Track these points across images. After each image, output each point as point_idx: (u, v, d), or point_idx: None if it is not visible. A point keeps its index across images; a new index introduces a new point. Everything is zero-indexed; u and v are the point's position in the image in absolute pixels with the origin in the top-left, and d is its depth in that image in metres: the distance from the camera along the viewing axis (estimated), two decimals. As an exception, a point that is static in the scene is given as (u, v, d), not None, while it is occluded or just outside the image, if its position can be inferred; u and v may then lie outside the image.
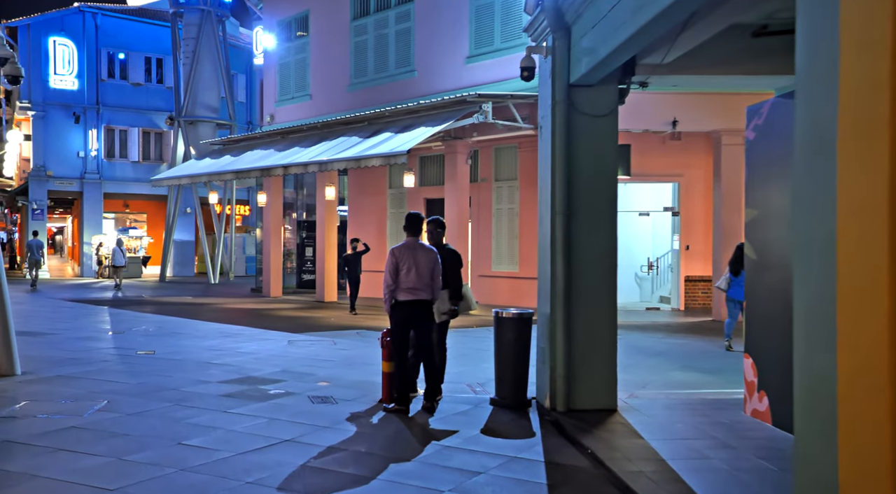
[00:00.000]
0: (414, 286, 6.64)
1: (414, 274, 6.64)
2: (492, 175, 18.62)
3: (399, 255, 6.67)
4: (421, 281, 6.68)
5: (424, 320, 6.75)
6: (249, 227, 34.32)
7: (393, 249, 6.75)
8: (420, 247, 6.79)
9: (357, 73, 19.54)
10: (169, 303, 18.40)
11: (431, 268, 6.76)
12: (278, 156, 17.60)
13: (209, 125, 27.86)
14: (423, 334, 6.75)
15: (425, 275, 6.70)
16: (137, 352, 9.52)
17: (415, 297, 6.65)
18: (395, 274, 6.64)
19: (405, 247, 6.75)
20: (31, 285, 24.44)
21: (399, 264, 6.64)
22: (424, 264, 6.71)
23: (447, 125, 14.34)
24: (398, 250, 6.72)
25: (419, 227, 6.89)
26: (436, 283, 6.82)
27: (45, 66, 30.37)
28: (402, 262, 6.64)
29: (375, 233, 21.05)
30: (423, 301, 6.69)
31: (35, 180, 30.29)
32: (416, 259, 6.68)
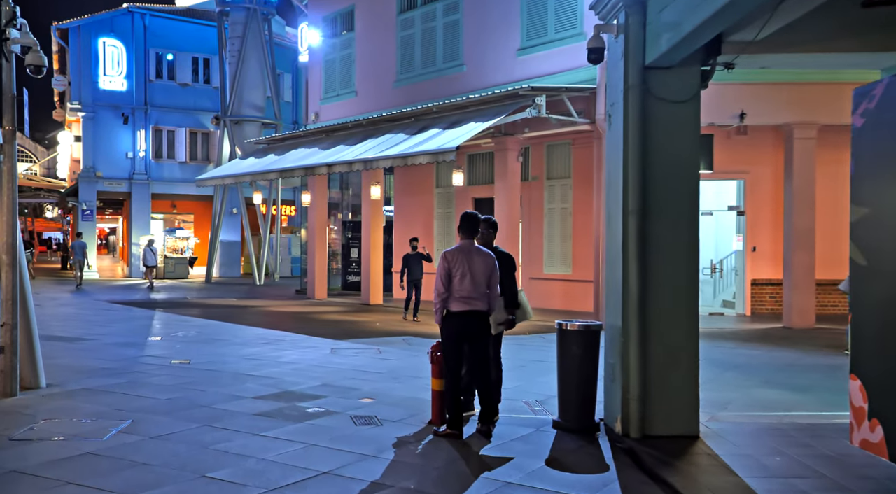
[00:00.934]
0: (469, 295, 5.91)
1: (469, 281, 5.91)
2: (543, 173, 17.80)
3: (452, 260, 5.95)
4: (477, 289, 5.95)
5: (480, 334, 6.02)
6: (295, 228, 34.05)
7: (445, 253, 6.03)
8: (476, 250, 6.06)
9: (403, 69, 18.90)
10: (212, 306, 18.03)
11: (489, 275, 6.03)
12: (323, 155, 17.06)
13: (255, 124, 27.60)
14: (478, 349, 6.02)
15: (481, 283, 5.97)
16: (172, 362, 9.00)
17: (470, 307, 5.92)
18: (447, 280, 5.92)
19: (459, 250, 6.02)
20: (76, 285, 24.77)
21: (452, 270, 5.92)
22: (481, 270, 5.97)
23: (498, 120, 13.58)
24: (451, 254, 6.00)
25: (475, 228, 6.15)
26: (493, 292, 6.08)
27: (95, 68, 30.52)
28: (455, 268, 5.92)
29: (422, 234, 20.38)
30: (478, 312, 5.96)
31: (85, 181, 30.47)
32: (472, 264, 5.95)
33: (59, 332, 12.01)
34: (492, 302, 6.08)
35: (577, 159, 16.93)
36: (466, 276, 5.90)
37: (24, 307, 6.95)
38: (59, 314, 15.47)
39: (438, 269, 5.99)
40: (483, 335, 6.05)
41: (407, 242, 20.82)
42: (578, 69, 14.63)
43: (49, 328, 12.60)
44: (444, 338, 6.04)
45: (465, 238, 6.09)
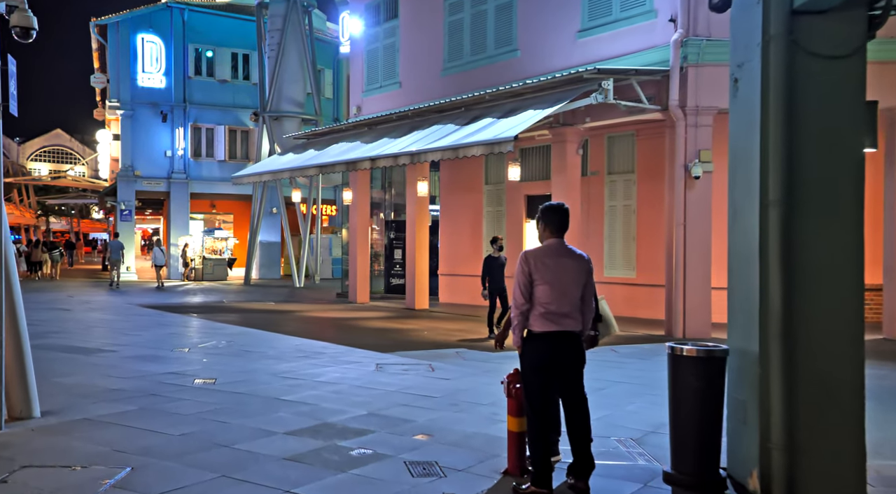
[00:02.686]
0: (558, 310, 4.56)
1: (558, 292, 4.56)
2: (604, 167, 16.33)
3: (535, 263, 4.59)
4: (569, 302, 4.60)
5: (574, 363, 4.66)
6: (336, 228, 33.01)
7: (527, 254, 4.66)
8: (568, 252, 4.71)
9: (451, 56, 17.60)
10: (248, 311, 16.95)
11: (583, 284, 4.69)
12: (365, 149, 15.84)
13: (294, 120, 26.58)
14: (572, 384, 4.67)
15: (574, 295, 4.62)
16: (195, 381, 7.81)
17: (559, 327, 4.58)
18: (528, 290, 4.58)
19: (546, 251, 4.67)
20: (109, 285, 24.75)
21: (534, 275, 4.57)
22: (573, 278, 4.63)
23: (560, 107, 12.18)
24: (534, 255, 4.63)
25: (566, 223, 4.80)
26: (588, 307, 4.74)
27: (134, 65, 29.87)
28: (538, 273, 4.56)
29: (469, 235, 19.07)
30: (570, 333, 4.62)
31: (123, 180, 29.83)
32: (562, 270, 4.60)
33: (79, 341, 10.97)
34: (586, 320, 4.74)
35: (643, 151, 15.44)
36: (555, 285, 4.55)
37: (11, 319, 5.80)
38: (85, 319, 14.52)
39: (517, 274, 4.63)
40: (577, 364, 4.70)
41: (456, 242, 19.54)
42: (647, 51, 13.18)
43: (69, 336, 11.59)
44: (524, 367, 4.70)
45: (553, 236, 4.73)
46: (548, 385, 4.63)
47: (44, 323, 13.49)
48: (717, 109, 12.54)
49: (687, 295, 12.54)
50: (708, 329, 12.47)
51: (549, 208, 4.76)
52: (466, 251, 19.13)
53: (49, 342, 10.87)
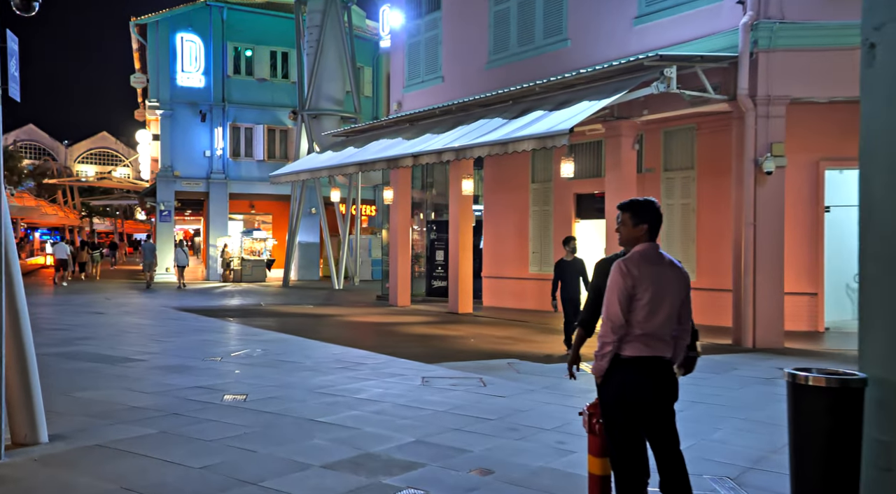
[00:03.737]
0: (655, 331, 3.69)
1: (658, 309, 3.69)
2: (660, 164, 15.30)
3: (638, 274, 3.69)
4: (669, 322, 3.73)
5: (670, 397, 3.79)
6: (375, 228, 32.38)
7: (627, 262, 3.75)
8: (667, 261, 3.83)
9: (497, 48, 16.74)
10: (286, 315, 16.32)
11: (682, 300, 3.81)
12: (407, 145, 15.09)
13: (333, 118, 25.97)
14: (664, 422, 3.78)
15: (674, 313, 3.75)
16: (224, 397, 7.08)
17: (653, 352, 3.70)
18: (628, 306, 3.72)
19: (645, 259, 3.79)
20: (147, 287, 24.97)
21: (637, 289, 3.70)
22: (674, 292, 3.76)
23: (618, 97, 11.24)
24: (636, 263, 3.73)
25: (659, 221, 3.91)
26: (684, 328, 3.85)
27: (173, 64, 29.63)
28: (642, 288, 3.69)
29: (515, 236, 18.19)
30: (665, 360, 3.75)
31: (163, 181, 29.59)
32: (664, 282, 3.73)
33: (107, 349, 10.38)
34: (681, 344, 3.85)
35: (703, 146, 14.39)
36: (656, 302, 3.68)
37: (15, 334, 5.13)
38: (117, 324, 14.01)
39: (614, 287, 3.72)
40: (673, 398, 3.82)
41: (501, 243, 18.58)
42: (712, 37, 12.17)
43: (98, 343, 11.03)
44: (609, 401, 3.82)
45: (647, 239, 3.84)
46: (639, 422, 3.76)
47: (75, 328, 13.00)
48: (790, 98, 11.50)
49: (757, 302, 11.50)
50: (781, 338, 11.42)
51: (645, 204, 3.86)
52: (512, 252, 18.26)
53: (76, 349, 10.31)
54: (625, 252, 3.91)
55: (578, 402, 7.05)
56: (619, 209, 3.90)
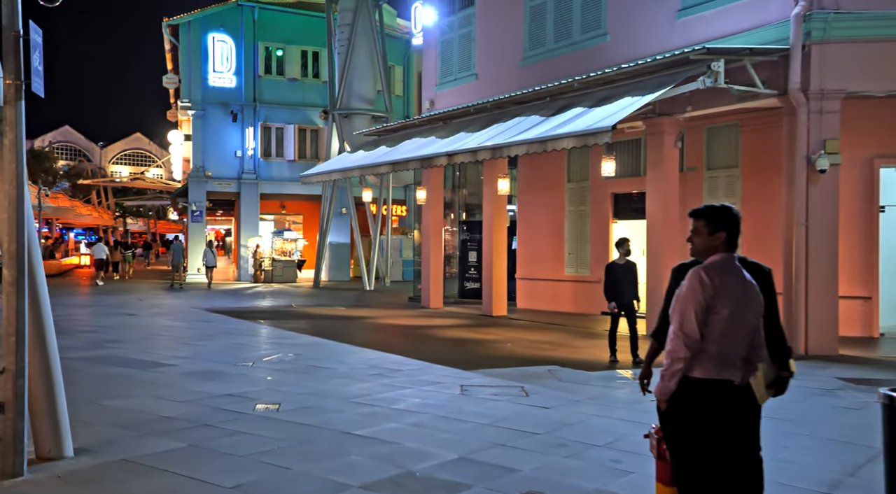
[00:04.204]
0: (729, 352, 3.28)
1: (739, 330, 3.28)
2: (703, 162, 14.78)
3: (720, 285, 3.28)
4: (747, 340, 3.32)
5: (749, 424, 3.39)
6: (406, 229, 32.12)
7: (707, 270, 3.32)
8: (746, 278, 3.41)
9: (532, 44, 16.34)
10: (318, 316, 16.08)
11: (759, 315, 3.39)
12: (441, 144, 14.75)
13: (364, 117, 25.72)
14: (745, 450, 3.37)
15: (748, 335, 3.33)
16: (256, 407, 6.79)
17: (724, 376, 3.28)
18: (705, 319, 3.30)
19: (725, 268, 3.37)
20: (170, 286, 25.39)
21: (716, 301, 3.28)
22: (752, 313, 3.33)
23: (663, 92, 10.77)
24: (717, 272, 3.30)
25: (737, 229, 3.48)
26: (760, 349, 3.43)
27: (205, 64, 29.64)
28: (721, 299, 3.28)
29: (550, 236, 17.76)
30: (735, 386, 3.33)
31: (194, 181, 29.61)
32: (745, 296, 3.31)
33: (138, 353, 10.18)
34: (749, 369, 3.40)
35: (749, 144, 13.85)
36: (736, 317, 3.27)
37: (39, 341, 4.87)
38: (149, 326, 13.86)
39: (689, 299, 3.30)
40: (755, 424, 3.42)
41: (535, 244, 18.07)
42: (760, 29, 11.66)
43: (129, 346, 10.85)
44: (675, 427, 3.41)
45: (726, 249, 3.42)
46: (715, 451, 3.35)
47: (106, 330, 12.87)
48: (844, 93, 10.95)
49: (810, 306, 10.96)
50: (835, 344, 10.87)
51: (722, 210, 3.44)
52: (547, 253, 17.84)
53: (106, 353, 10.13)
54: (697, 263, 3.50)
55: (627, 415, 6.66)
56: (692, 216, 3.50)
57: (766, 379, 3.50)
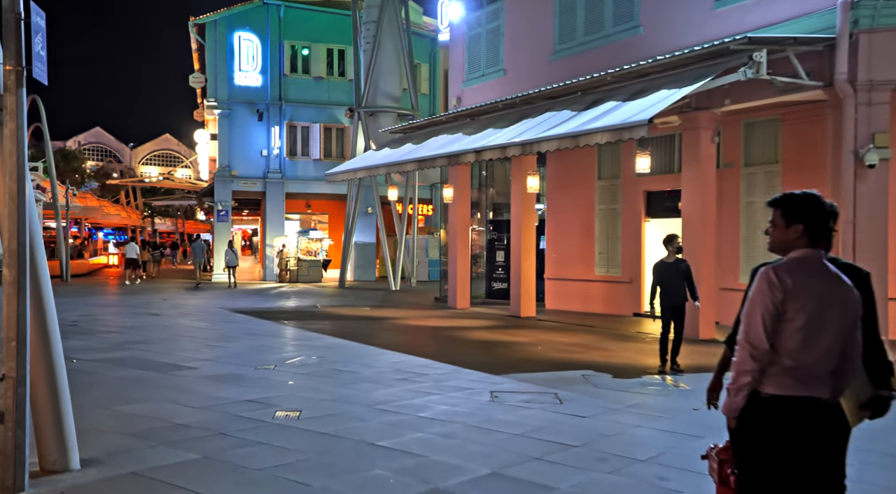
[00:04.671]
0: (811, 366, 2.84)
1: (822, 340, 2.83)
2: (740, 158, 14.24)
3: (793, 288, 2.83)
4: (832, 352, 2.88)
5: (834, 450, 2.94)
6: (432, 228, 31.77)
7: (776, 270, 2.87)
8: (833, 274, 2.94)
9: (563, 38, 15.89)
10: (343, 317, 15.77)
11: (850, 327, 2.93)
12: (468, 140, 14.36)
13: (390, 115, 25.40)
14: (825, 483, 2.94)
15: (835, 345, 2.89)
16: (276, 414, 6.46)
17: (810, 392, 2.84)
18: (774, 327, 2.87)
19: (804, 268, 2.91)
20: (196, 285, 25.64)
21: (789, 306, 2.83)
22: (841, 319, 2.86)
23: (702, 84, 10.30)
24: (789, 272, 2.86)
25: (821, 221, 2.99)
26: (852, 362, 2.97)
27: (231, 63, 29.56)
28: (796, 303, 2.82)
29: (580, 235, 17.29)
30: (821, 404, 2.88)
31: (220, 180, 29.54)
32: (829, 301, 2.85)
33: (158, 354, 9.93)
34: (840, 384, 2.95)
35: (790, 138, 13.29)
36: (816, 325, 2.83)
37: (44, 347, 4.58)
38: (172, 326, 13.64)
39: (757, 300, 2.86)
40: (841, 449, 2.98)
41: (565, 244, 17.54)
42: (804, 18, 11.14)
43: (150, 348, 10.60)
44: (746, 450, 2.98)
45: (810, 245, 2.98)
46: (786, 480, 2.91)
47: (129, 331, 12.66)
48: (895, 83, 10.38)
49: (858, 309, 10.38)
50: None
51: (802, 199, 2.96)
52: (577, 253, 17.37)
53: (127, 355, 9.88)
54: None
55: (671, 426, 6.22)
56: (770, 205, 3.06)
57: (859, 397, 3.05)
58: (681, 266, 9.10)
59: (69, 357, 9.35)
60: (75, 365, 8.88)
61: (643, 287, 15.92)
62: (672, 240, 9.17)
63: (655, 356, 10.24)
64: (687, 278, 9.08)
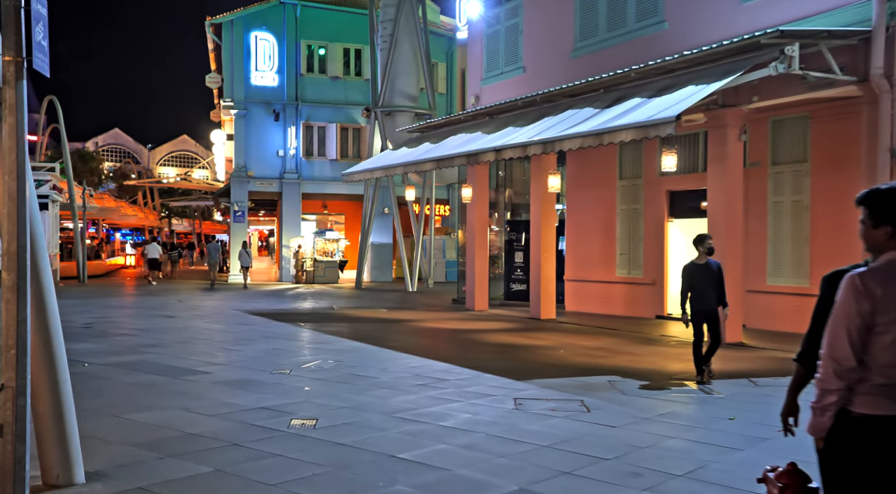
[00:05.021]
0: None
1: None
2: (767, 157, 13.83)
3: (882, 296, 2.52)
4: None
5: None
6: (449, 229, 31.49)
7: (862, 277, 2.57)
8: None
9: (583, 34, 15.55)
10: (360, 319, 15.52)
11: None
12: (488, 139, 14.06)
13: (407, 115, 25.14)
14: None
15: None
16: (292, 422, 6.19)
17: None
18: (862, 339, 2.56)
19: (889, 273, 2.58)
20: (210, 286, 25.85)
21: (879, 318, 2.52)
22: None
23: (731, 79, 9.95)
24: (877, 279, 2.55)
25: None
26: None
27: (248, 63, 29.44)
28: (886, 315, 2.51)
29: (600, 236, 16.94)
30: None
31: (236, 181, 29.43)
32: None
33: (172, 358, 9.71)
34: None
35: (819, 136, 12.87)
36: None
37: (46, 356, 4.33)
38: (186, 329, 13.44)
39: (842, 311, 2.56)
40: None
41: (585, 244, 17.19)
42: (837, 11, 10.74)
43: (163, 351, 10.39)
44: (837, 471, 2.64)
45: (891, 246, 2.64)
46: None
47: (143, 334, 12.47)
48: (934, 79, 9.96)
49: None
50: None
51: (889, 194, 2.64)
52: (597, 254, 17.01)
53: (139, 359, 9.67)
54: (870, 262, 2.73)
55: (706, 437, 5.89)
56: (857, 203, 2.74)
57: None
58: (712, 267, 8.43)
59: (80, 360, 9.20)
60: (86, 369, 8.67)
61: (666, 289, 15.56)
62: (703, 241, 8.47)
63: (682, 360, 9.91)
64: (718, 281, 8.42)
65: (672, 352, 10.94)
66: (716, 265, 8.47)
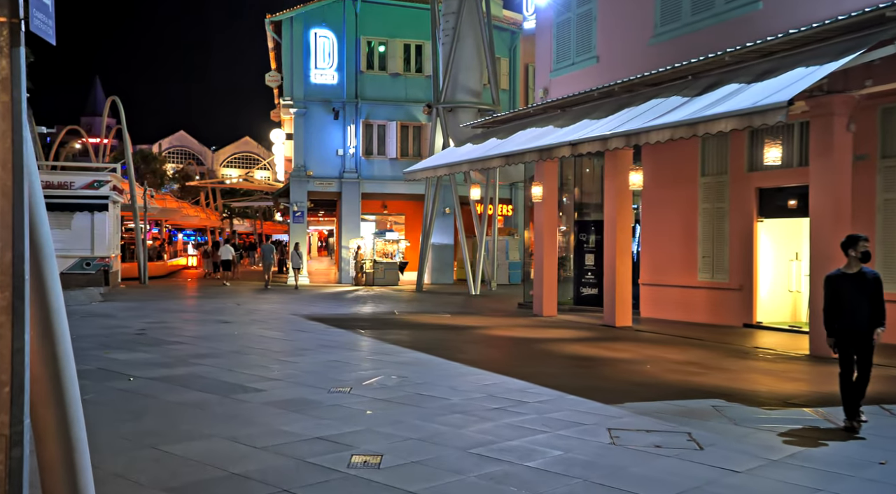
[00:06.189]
0: None
1: None
2: (877, 149, 12.38)
3: None
4: None
5: None
6: (512, 229, 30.42)
7: None
8: None
9: (665, 19, 14.33)
10: (422, 326, 14.63)
11: None
12: (561, 133, 12.99)
13: (470, 111, 24.18)
14: None
15: None
16: (353, 459, 5.28)
17: None
18: None
19: None
20: (265, 287, 25.84)
21: None
22: None
23: (852, 58, 8.68)
24: None
25: None
26: None
27: (307, 61, 28.97)
28: None
29: (681, 237, 15.66)
30: None
31: (296, 181, 28.97)
32: None
33: (223, 372, 8.96)
34: None
35: (940, 126, 11.41)
36: None
37: (55, 393, 3.51)
38: (242, 336, 12.75)
39: None
40: None
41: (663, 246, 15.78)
42: (970, -21, 9.30)
43: (215, 363, 9.66)
44: None
45: None
46: None
47: (196, 342, 11.82)
48: None
49: None
50: None
51: None
52: (676, 256, 15.76)
53: (189, 372, 8.96)
54: None
55: (859, 489, 4.75)
56: None
57: None
58: (867, 277, 6.55)
59: (127, 374, 8.53)
60: (131, 384, 7.98)
61: (755, 295, 14.24)
62: (854, 243, 6.56)
63: (790, 379, 8.71)
64: (875, 295, 6.51)
65: (774, 369, 9.71)
66: (872, 274, 6.60)
